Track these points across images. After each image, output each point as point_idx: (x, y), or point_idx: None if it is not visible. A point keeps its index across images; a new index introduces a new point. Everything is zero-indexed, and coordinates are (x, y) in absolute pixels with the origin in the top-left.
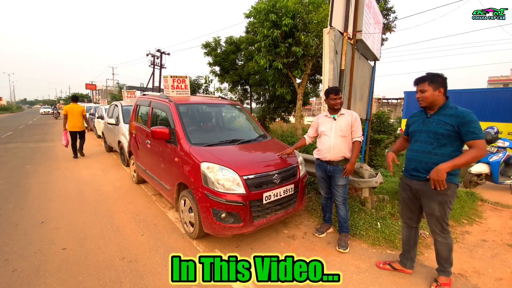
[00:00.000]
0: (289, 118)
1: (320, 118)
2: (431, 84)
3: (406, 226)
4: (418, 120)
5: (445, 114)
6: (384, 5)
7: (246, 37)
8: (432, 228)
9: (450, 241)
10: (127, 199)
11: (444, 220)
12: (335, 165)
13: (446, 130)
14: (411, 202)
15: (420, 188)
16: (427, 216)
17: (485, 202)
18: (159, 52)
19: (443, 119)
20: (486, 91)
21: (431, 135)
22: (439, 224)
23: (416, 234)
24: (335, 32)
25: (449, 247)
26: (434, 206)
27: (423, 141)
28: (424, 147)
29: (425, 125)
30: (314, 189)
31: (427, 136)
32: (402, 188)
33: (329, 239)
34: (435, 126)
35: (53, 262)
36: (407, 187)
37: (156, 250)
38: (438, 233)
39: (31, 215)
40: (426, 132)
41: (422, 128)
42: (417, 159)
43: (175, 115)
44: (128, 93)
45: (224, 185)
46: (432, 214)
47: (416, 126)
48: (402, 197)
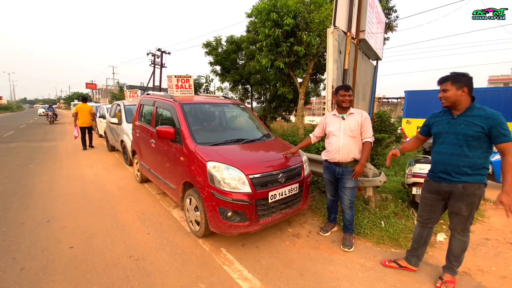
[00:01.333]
0: (290, 117)
1: (328, 117)
2: (454, 83)
3: (421, 225)
4: (443, 120)
5: (473, 115)
6: (386, 4)
7: (247, 36)
8: (454, 226)
9: (467, 241)
10: (131, 198)
11: (469, 220)
12: (344, 166)
13: (476, 132)
14: (433, 204)
15: (449, 190)
16: (451, 215)
17: (487, 201)
18: (159, 51)
19: (472, 120)
20: (487, 90)
21: (460, 136)
22: (463, 224)
23: (428, 234)
24: (339, 31)
25: (464, 246)
26: (462, 207)
27: (451, 143)
28: (453, 149)
29: (451, 126)
30: (318, 188)
31: (455, 138)
32: (426, 190)
33: (333, 238)
34: (464, 127)
35: (61, 260)
36: (433, 189)
37: (162, 248)
38: (459, 232)
39: (37, 214)
40: (454, 133)
41: (449, 129)
42: (446, 161)
43: (180, 115)
44: (130, 92)
45: (230, 184)
46: (458, 214)
47: (441, 127)
48: (424, 198)
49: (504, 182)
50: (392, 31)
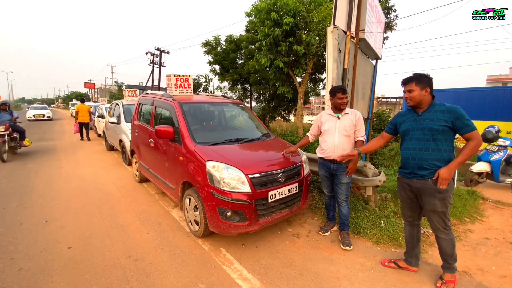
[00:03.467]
0: (289, 117)
1: (323, 116)
2: (418, 84)
3: (408, 224)
4: (409, 118)
5: (436, 111)
6: (385, 3)
7: (246, 35)
8: (435, 226)
9: (453, 237)
10: (130, 198)
11: (446, 215)
12: (338, 163)
13: (440, 126)
14: (411, 201)
15: (420, 187)
16: (428, 214)
17: (487, 201)
18: (158, 50)
19: (435, 116)
20: (485, 90)
21: (426, 131)
22: (441, 220)
23: (418, 231)
24: (338, 31)
25: (452, 243)
26: (436, 202)
27: (419, 138)
28: (421, 144)
29: (418, 122)
30: (317, 187)
31: (421, 133)
32: (401, 188)
33: (333, 238)
34: (429, 122)
35: (59, 261)
36: (407, 187)
37: (161, 248)
38: (442, 230)
39: (35, 214)
40: (421, 129)
41: (415, 126)
42: (416, 157)
43: (179, 114)
44: (129, 91)
45: (229, 184)
46: (434, 211)
47: (408, 124)
48: (401, 196)
49: (456, 158)
50: (391, 30)
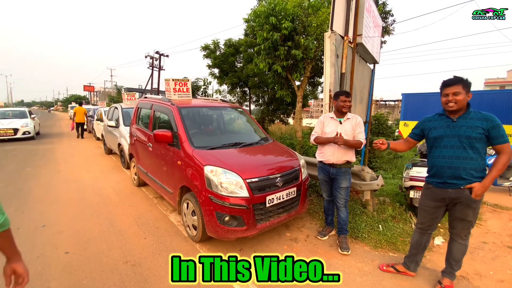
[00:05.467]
0: (288, 120)
1: (326, 118)
2: (465, 87)
3: (419, 231)
4: (441, 124)
5: (472, 118)
6: (382, 8)
7: (245, 39)
8: (458, 232)
9: (468, 244)
10: (129, 202)
11: (473, 224)
12: (338, 167)
13: (478, 134)
14: (435, 211)
15: (455, 196)
16: (455, 221)
17: (485, 204)
18: (158, 54)
19: (472, 123)
20: (484, 93)
21: (463, 139)
22: (467, 229)
23: (427, 240)
24: (336, 36)
25: (465, 250)
26: (469, 212)
27: (455, 146)
28: (457, 152)
29: (453, 129)
30: (316, 191)
31: (458, 141)
32: (428, 198)
33: (331, 242)
34: (466, 130)
35: (57, 266)
36: (437, 197)
37: (159, 253)
38: (462, 237)
39: (33, 219)
40: (457, 136)
41: (450, 132)
42: (452, 165)
43: (178, 118)
44: (128, 95)
45: (227, 188)
46: (464, 220)
47: (441, 131)
48: (426, 206)
49: (488, 173)
50: (389, 34)
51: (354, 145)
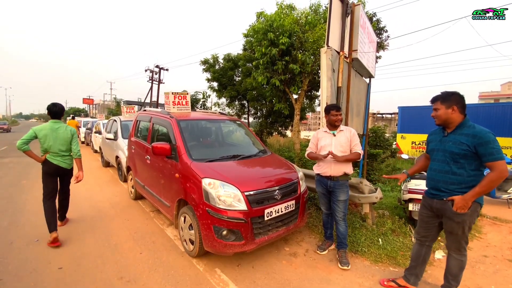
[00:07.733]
0: (286, 132)
1: (319, 133)
2: (443, 102)
3: (419, 243)
4: (436, 138)
5: (461, 134)
6: (377, 25)
7: (243, 54)
8: (449, 245)
9: (465, 260)
10: (125, 215)
11: (463, 239)
12: (335, 180)
13: (462, 150)
14: (429, 221)
15: (440, 207)
16: (446, 234)
17: (484, 217)
18: (157, 67)
19: (459, 139)
20: (479, 106)
21: (447, 154)
22: (457, 242)
23: (426, 253)
24: (332, 51)
25: (461, 265)
26: (454, 225)
27: (440, 160)
28: (441, 166)
29: (442, 144)
30: (315, 204)
31: (443, 155)
32: (422, 206)
33: (331, 257)
34: (451, 145)
35: (50, 282)
36: (427, 206)
37: (155, 269)
38: (455, 251)
39: (26, 233)
40: (443, 151)
41: (440, 147)
42: (435, 178)
43: (176, 131)
44: (127, 108)
45: (225, 202)
46: (451, 233)
47: (434, 144)
48: (421, 215)
49: (473, 188)
50: (384, 49)
51: (353, 159)
